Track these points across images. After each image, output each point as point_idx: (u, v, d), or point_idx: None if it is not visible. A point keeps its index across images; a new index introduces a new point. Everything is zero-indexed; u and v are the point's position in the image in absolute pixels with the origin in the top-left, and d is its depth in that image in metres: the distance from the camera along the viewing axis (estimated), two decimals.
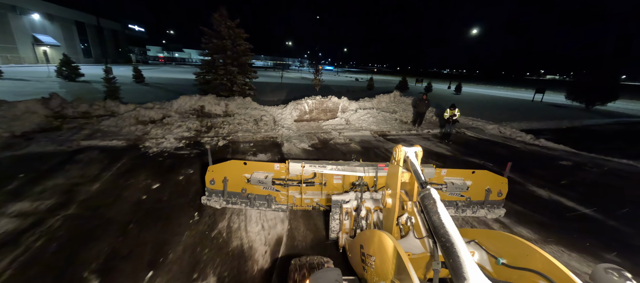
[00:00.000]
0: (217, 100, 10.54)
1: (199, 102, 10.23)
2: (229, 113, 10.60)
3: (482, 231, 2.19)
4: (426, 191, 1.83)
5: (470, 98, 26.39)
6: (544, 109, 20.40)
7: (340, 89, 26.31)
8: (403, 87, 28.19)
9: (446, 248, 1.47)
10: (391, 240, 1.72)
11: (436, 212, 1.67)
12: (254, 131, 9.67)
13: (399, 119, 12.66)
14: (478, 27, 33.81)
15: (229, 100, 10.80)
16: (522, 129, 13.13)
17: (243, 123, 10.10)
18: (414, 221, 2.39)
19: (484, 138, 11.44)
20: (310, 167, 4.55)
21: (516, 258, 1.76)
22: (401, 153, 2.34)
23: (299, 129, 10.53)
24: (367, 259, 2.18)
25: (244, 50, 12.06)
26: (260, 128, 10.02)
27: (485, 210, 5.11)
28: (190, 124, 9.37)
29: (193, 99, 10.22)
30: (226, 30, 11.43)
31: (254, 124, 10.24)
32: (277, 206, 4.84)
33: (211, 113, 10.40)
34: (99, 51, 49.26)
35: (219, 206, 4.85)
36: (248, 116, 10.55)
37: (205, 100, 10.32)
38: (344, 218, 3.64)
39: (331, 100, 11.99)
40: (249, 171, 4.69)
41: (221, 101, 10.47)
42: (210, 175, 4.66)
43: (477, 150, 9.67)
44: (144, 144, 8.02)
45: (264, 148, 8.58)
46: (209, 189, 4.80)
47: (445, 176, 4.98)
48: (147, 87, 17.94)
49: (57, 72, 18.72)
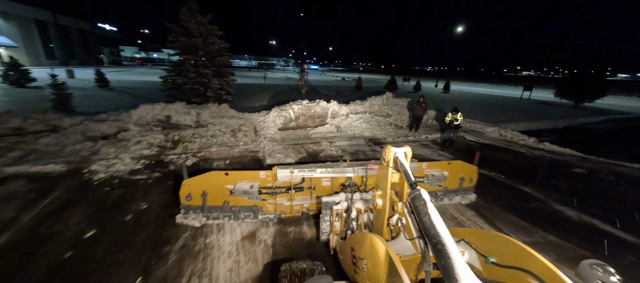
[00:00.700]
0: (187, 108, 9.02)
1: (164, 111, 8.67)
2: (202, 123, 9.10)
3: (471, 230, 2.22)
4: (416, 192, 1.82)
5: (460, 97, 25.98)
6: (535, 107, 20.14)
7: (327, 91, 25.12)
8: (392, 87, 27.39)
9: (437, 249, 1.46)
10: (383, 243, 1.71)
11: (427, 213, 1.65)
12: (231, 145, 8.26)
13: (393, 124, 11.61)
14: (459, 26, 33.68)
15: (201, 108, 9.29)
16: (521, 130, 12.47)
17: (218, 135, 8.65)
18: (405, 222, 2.34)
19: (485, 142, 10.60)
20: (299, 172, 4.34)
21: (505, 257, 1.78)
22: (391, 154, 2.34)
23: (285, 140, 9.21)
24: (359, 262, 2.17)
25: (218, 49, 10.54)
26: (238, 141, 8.61)
27: (459, 196, 5.59)
28: (152, 138, 7.81)
29: (156, 109, 8.64)
30: (196, 27, 9.88)
31: (231, 136, 8.82)
32: (265, 216, 4.56)
33: (179, 124, 8.86)
34: (65, 52, 45.32)
35: (198, 223, 4.37)
36: (224, 126, 9.10)
37: (171, 109, 8.77)
38: (335, 219, 3.59)
39: (319, 105, 10.75)
40: (232, 181, 4.37)
41: (191, 109, 8.96)
42: (186, 190, 4.19)
43: (482, 158, 8.73)
44: (90, 169, 6.45)
45: (242, 165, 7.21)
46: (185, 205, 4.34)
47: (425, 168, 5.25)
48: (111, 93, 15.87)
49: (2, 77, 16.22)
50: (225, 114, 9.61)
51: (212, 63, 10.57)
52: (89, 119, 8.18)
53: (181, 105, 8.94)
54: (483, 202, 5.82)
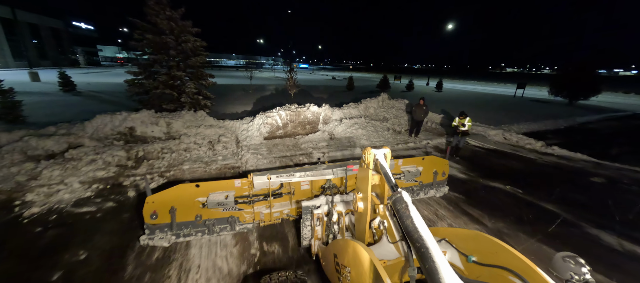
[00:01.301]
0: (155, 117, 7.72)
1: (126, 122, 7.35)
2: (173, 135, 7.83)
3: (451, 229, 2.24)
4: (398, 195, 1.78)
5: (453, 96, 25.42)
6: (531, 106, 19.69)
7: (318, 92, 23.99)
8: (384, 86, 26.53)
9: (421, 253, 1.45)
10: (367, 252, 1.70)
11: (409, 216, 1.63)
12: (208, 160, 7.05)
13: (391, 129, 10.64)
14: (447, 25, 33.29)
15: (172, 116, 8.01)
16: (523, 132, 11.80)
17: (192, 149, 7.41)
18: (387, 225, 2.30)
19: (490, 147, 9.79)
20: (277, 178, 4.15)
21: (486, 255, 1.80)
22: (370, 156, 2.33)
23: (271, 151, 8.07)
24: (342, 270, 2.15)
25: (193, 48, 9.24)
26: (216, 155, 7.41)
27: (434, 190, 5.77)
28: (110, 156, 6.50)
29: (117, 119, 7.31)
30: (166, 23, 8.56)
31: (209, 149, 7.60)
32: (243, 226, 4.34)
33: (146, 137, 7.56)
34: (35, 52, 42.26)
35: (166, 243, 4.00)
36: (200, 138, 7.86)
37: (136, 119, 7.46)
38: (316, 224, 3.53)
39: (310, 109, 9.64)
40: (204, 193, 4.09)
41: (160, 119, 7.66)
42: (150, 208, 3.84)
43: (492, 167, 7.90)
44: (24, 199, 5.13)
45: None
46: (150, 225, 3.94)
47: (402, 165, 5.32)
48: (76, 99, 14.16)
49: None
50: (202, 123, 8.36)
51: (187, 64, 9.25)
52: (32, 134, 6.77)
53: (148, 114, 7.63)
54: (507, 228, 4.90)
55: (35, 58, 41.78)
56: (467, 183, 6.76)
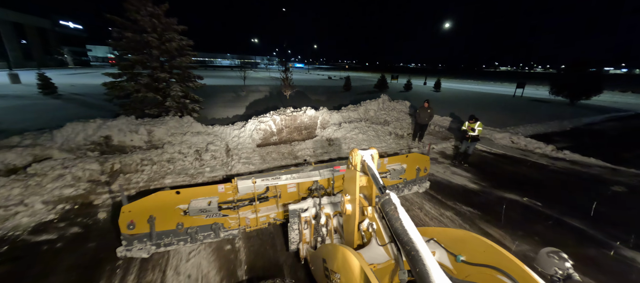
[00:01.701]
0: (135, 124, 6.95)
1: (101, 130, 6.57)
2: (156, 144, 7.07)
3: (440, 229, 2.27)
4: (386, 197, 1.78)
5: (451, 96, 24.96)
6: (532, 106, 19.23)
7: (315, 94, 23.28)
8: (382, 86, 25.95)
9: (411, 256, 1.44)
10: (357, 259, 1.67)
11: (398, 219, 1.62)
12: (194, 173, 6.32)
13: (393, 133, 10.02)
14: (441, 24, 32.91)
15: (155, 123, 7.24)
16: (529, 134, 11.30)
17: (176, 159, 6.67)
18: (376, 227, 2.27)
19: (499, 152, 9.23)
20: (262, 181, 4.04)
21: (474, 254, 1.81)
22: (358, 157, 2.32)
23: (264, 160, 7.36)
24: (332, 275, 2.11)
25: (178, 47, 8.47)
26: (204, 166, 6.68)
27: (417, 186, 5.92)
28: (80, 170, 5.73)
29: (91, 127, 6.53)
30: (148, 20, 7.77)
31: (195, 159, 6.86)
32: (228, 233, 4.19)
33: (125, 146, 6.79)
34: (19, 53, 40.72)
35: (146, 254, 3.78)
36: (186, 146, 7.11)
37: (112, 126, 6.68)
38: (304, 227, 3.45)
39: (307, 113, 8.96)
40: (185, 200, 3.85)
41: (141, 126, 6.89)
42: (126, 217, 3.55)
43: (503, 175, 7.33)
44: None
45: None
46: (128, 235, 3.67)
47: (387, 164, 5.36)
48: (55, 103, 13.18)
49: None
50: (189, 130, 7.61)
51: (172, 65, 8.46)
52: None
53: (126, 121, 6.85)
54: (533, 252, 4.28)
55: (19, 59, 40.27)
56: (481, 195, 6.16)
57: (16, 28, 40.04)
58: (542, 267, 1.47)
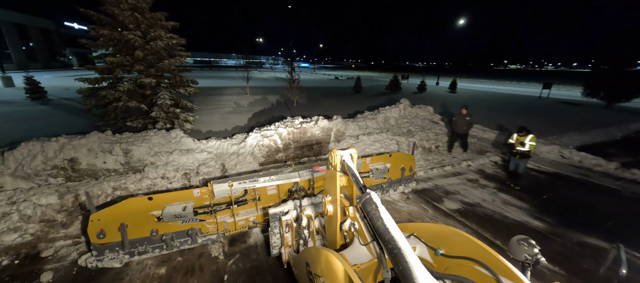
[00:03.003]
0: (109, 143, 5.62)
1: (65, 151, 5.26)
2: (135, 166, 5.74)
3: (419, 224, 2.34)
4: (367, 196, 1.79)
5: (469, 97, 23.17)
6: (565, 110, 17.29)
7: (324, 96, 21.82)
8: (395, 87, 24.31)
9: (394, 254, 1.47)
10: (340, 262, 1.70)
11: (379, 218, 1.65)
12: None
13: (419, 146, 8.52)
14: (448, 22, 31.10)
15: (134, 140, 5.91)
16: (576, 146, 9.65)
17: (159, 186, 5.33)
18: (358, 227, 2.32)
19: (550, 170, 7.67)
20: (239, 184, 3.92)
21: (452, 247, 1.90)
22: (337, 157, 2.30)
23: None
24: (316, 279, 2.10)
25: (167, 47, 7.12)
26: None
27: (402, 186, 5.90)
28: (30, 206, 4.42)
29: (51, 148, 5.22)
30: (129, 15, 6.45)
31: (184, 186, 5.51)
32: (206, 238, 4.08)
33: (96, 171, 5.47)
34: (23, 55, 40.36)
35: (118, 263, 3.61)
36: (173, 168, 5.76)
37: (80, 146, 5.36)
38: (285, 231, 3.37)
39: (318, 124, 7.54)
40: (158, 206, 3.72)
41: (116, 144, 5.56)
42: (95, 226, 3.40)
43: (569, 205, 5.80)
44: None
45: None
46: (97, 245, 3.49)
47: (370, 163, 5.31)
48: (40, 109, 11.98)
49: None
50: (177, 147, 6.27)
51: (158, 68, 7.12)
52: None
53: (98, 138, 5.52)
54: None
55: (23, 60, 39.85)
56: (552, 240, 4.64)
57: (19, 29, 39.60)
58: (513, 253, 1.63)
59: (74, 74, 36.61)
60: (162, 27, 7.22)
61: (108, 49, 6.81)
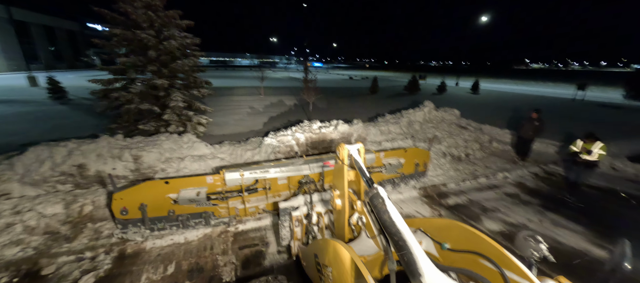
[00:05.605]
0: (119, 148, 5.32)
1: (73, 157, 4.99)
2: (145, 173, 5.41)
3: (425, 219, 2.34)
4: (374, 191, 1.81)
5: (494, 99, 21.84)
6: (607, 115, 15.83)
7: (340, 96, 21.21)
8: (414, 88, 23.32)
9: (399, 246, 1.49)
10: (348, 251, 1.70)
11: (386, 211, 1.67)
12: None
13: (448, 154, 7.79)
14: (466, 19, 29.51)
15: (145, 144, 5.59)
16: (627, 155, 8.57)
17: None
18: (365, 221, 2.35)
19: (603, 185, 6.74)
20: (250, 174, 4.12)
21: (458, 242, 1.89)
22: (345, 152, 2.32)
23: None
24: (324, 269, 2.14)
25: (181, 46, 6.80)
26: None
27: (414, 180, 5.96)
28: (35, 217, 4.15)
29: (59, 153, 4.97)
30: (143, 13, 6.17)
31: None
32: (218, 220, 4.36)
33: (102, 177, 5.18)
34: (51, 54, 42.30)
35: (140, 237, 4.01)
36: (184, 174, 5.39)
37: (89, 152, 5.09)
38: (295, 225, 3.41)
39: (338, 129, 7.00)
40: (174, 190, 4.00)
41: (126, 150, 5.25)
42: (119, 204, 3.77)
43: (634, 229, 4.94)
44: None
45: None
46: (121, 220, 3.87)
47: (384, 158, 5.34)
48: (60, 109, 12.17)
49: None
50: (189, 153, 5.90)
51: (171, 69, 6.80)
52: None
53: (108, 143, 5.23)
54: None
55: (50, 60, 41.72)
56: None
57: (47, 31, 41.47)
58: (519, 249, 1.59)
59: (97, 73, 37.92)
60: (176, 26, 6.90)
61: (121, 49, 6.56)
